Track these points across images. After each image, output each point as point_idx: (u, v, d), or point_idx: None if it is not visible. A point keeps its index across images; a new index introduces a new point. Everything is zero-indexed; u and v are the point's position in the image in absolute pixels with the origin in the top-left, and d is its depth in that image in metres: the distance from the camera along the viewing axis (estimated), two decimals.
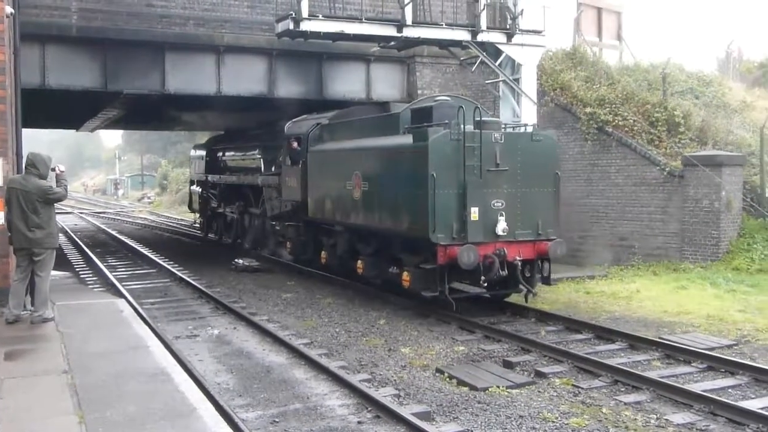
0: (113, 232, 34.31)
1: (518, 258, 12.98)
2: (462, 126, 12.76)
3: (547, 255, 13.37)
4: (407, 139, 13.56)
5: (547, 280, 13.77)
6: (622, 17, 29.89)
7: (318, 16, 16.74)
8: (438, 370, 10.33)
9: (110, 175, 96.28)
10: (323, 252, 17.55)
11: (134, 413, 6.62)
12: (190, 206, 33.04)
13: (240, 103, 22.31)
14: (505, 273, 12.81)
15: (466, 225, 12.68)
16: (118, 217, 47.64)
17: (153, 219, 45.00)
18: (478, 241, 12.71)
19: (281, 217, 20.23)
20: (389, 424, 8.17)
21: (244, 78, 20.95)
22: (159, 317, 14.14)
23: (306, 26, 16.48)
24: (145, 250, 25.20)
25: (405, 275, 13.43)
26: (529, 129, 14.15)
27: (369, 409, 8.66)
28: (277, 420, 8.40)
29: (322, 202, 17.10)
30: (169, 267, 20.62)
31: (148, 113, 27.69)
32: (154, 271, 21.03)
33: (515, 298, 14.35)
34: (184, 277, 18.81)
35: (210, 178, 28.31)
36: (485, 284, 12.96)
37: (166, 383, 7.62)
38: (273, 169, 21.45)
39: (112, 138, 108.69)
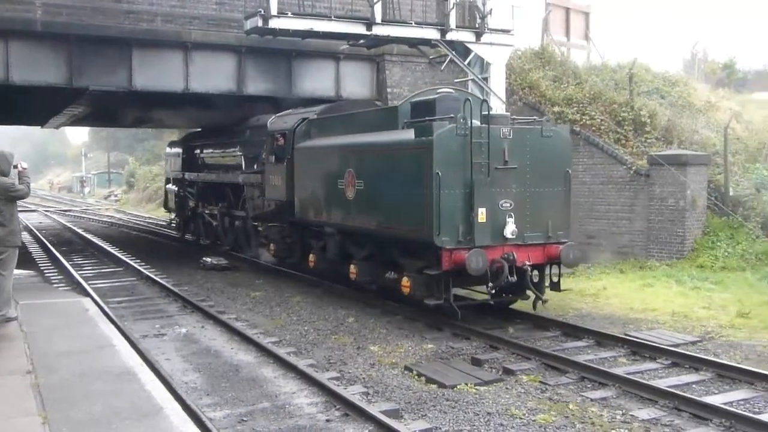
0: (79, 230, 33.94)
1: (527, 263, 12.08)
2: (469, 120, 11.83)
3: (557, 259, 12.46)
4: (408, 135, 12.60)
5: (556, 287, 12.91)
6: (590, 17, 30.19)
7: (287, 14, 16.71)
8: (407, 368, 10.34)
9: (76, 173, 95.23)
10: (311, 255, 16.50)
11: (99, 413, 6.56)
12: (165, 205, 31.82)
13: (209, 100, 22.17)
14: (514, 279, 11.85)
15: (473, 227, 11.75)
16: (84, 215, 47.15)
17: (120, 217, 44.61)
18: (486, 244, 11.79)
19: (264, 218, 19.35)
20: (358, 422, 8.17)
21: (213, 75, 20.82)
22: (125, 316, 14.00)
23: (275, 24, 16.43)
24: (111, 249, 24.97)
25: (405, 281, 12.57)
26: (539, 124, 13.05)
27: (337, 407, 8.65)
28: (245, 419, 8.36)
29: (311, 201, 16.17)
30: (136, 265, 20.43)
31: (114, 110, 27.43)
32: (120, 269, 20.83)
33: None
34: (151, 275, 18.65)
35: (187, 176, 27.18)
36: (493, 291, 11.96)
37: (132, 382, 7.55)
38: (255, 166, 20.45)
39: (78, 135, 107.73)
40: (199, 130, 30.64)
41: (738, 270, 16.99)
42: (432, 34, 18.25)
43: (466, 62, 18.55)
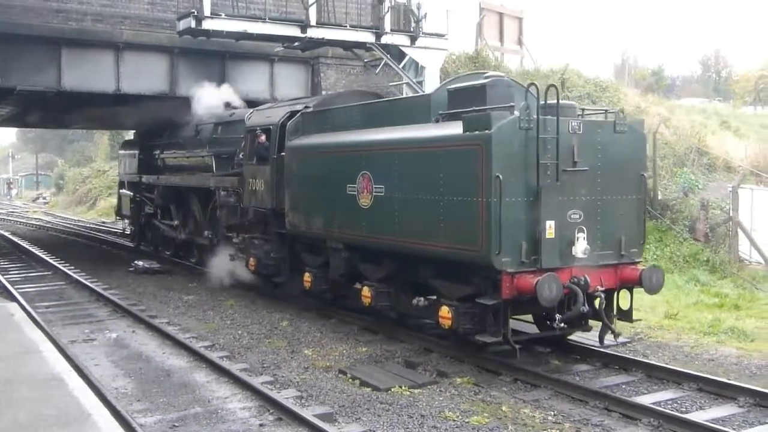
0: (5, 233, 33.00)
1: (600, 288, 9.94)
2: (535, 111, 9.59)
3: (633, 284, 10.38)
4: (451, 129, 10.21)
5: (628, 316, 10.68)
6: (523, 23, 30.62)
7: (221, 15, 16.59)
8: (341, 371, 10.33)
9: (2, 174, 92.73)
10: (307, 274, 13.81)
11: (24, 420, 6.39)
12: (118, 212, 28.24)
13: (141, 101, 21.80)
14: (586, 309, 9.84)
15: (539, 245, 9.53)
16: (11, 218, 45.87)
17: (48, 220, 43.54)
18: (555, 266, 9.61)
19: (241, 228, 16.37)
20: (291, 426, 8.13)
21: (145, 76, 20.53)
22: (54, 321, 13.67)
23: (208, 25, 16.30)
24: (39, 252, 24.34)
25: (444, 312, 10.17)
26: (611, 116, 10.88)
27: (271, 411, 8.59)
28: (176, 424, 8.24)
29: (308, 210, 13.60)
30: (65, 269, 19.96)
31: (43, 111, 26.79)
32: (49, 273, 20.32)
33: None
34: (81, 279, 18.24)
35: (145, 179, 23.62)
36: (562, 324, 9.90)
37: (60, 388, 7.38)
38: (232, 168, 17.24)
39: (5, 136, 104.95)
40: (159, 127, 26.24)
41: (667, 272, 17.37)
42: (367, 37, 18.31)
43: (401, 66, 18.65)
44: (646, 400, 8.97)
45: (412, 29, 18.76)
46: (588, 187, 10.05)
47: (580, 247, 9.73)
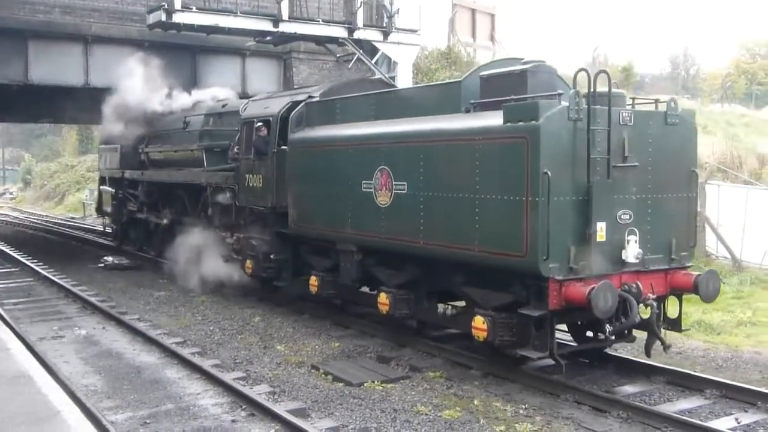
0: None
1: (651, 296, 9.10)
2: (586, 100, 8.76)
3: (685, 291, 9.55)
4: (488, 119, 9.24)
5: (676, 325, 9.80)
6: (496, 19, 30.75)
7: (192, 8, 16.46)
8: (313, 367, 10.31)
9: None
10: (314, 278, 12.67)
11: None
12: (98, 209, 26.39)
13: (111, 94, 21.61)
14: (639, 319, 9.08)
15: (589, 249, 8.69)
16: None
17: (16, 215, 43.05)
18: (605, 272, 8.80)
19: (236, 228, 15.25)
20: (264, 421, 8.10)
21: (115, 70, 20.26)
22: (21, 318, 13.50)
23: (179, 18, 16.17)
24: (6, 248, 24.04)
25: (479, 322, 9.24)
26: (662, 106, 9.89)
27: (243, 407, 8.56)
28: (148, 421, 8.19)
29: (315, 208, 12.54)
30: (33, 266, 19.72)
31: (9, 104, 26.43)
32: (16, 270, 20.07)
33: None
34: (49, 275, 18.02)
35: (128, 174, 21.89)
36: (613, 336, 9.29)
37: (28, 386, 7.31)
38: (227, 163, 15.85)
39: None
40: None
41: None
42: (339, 32, 18.28)
43: (373, 61, 18.64)
44: (615, 393, 9.06)
45: (384, 24, 18.76)
46: (638, 184, 9.18)
47: (632, 251, 8.90)
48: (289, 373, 10.06)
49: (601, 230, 8.72)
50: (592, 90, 8.80)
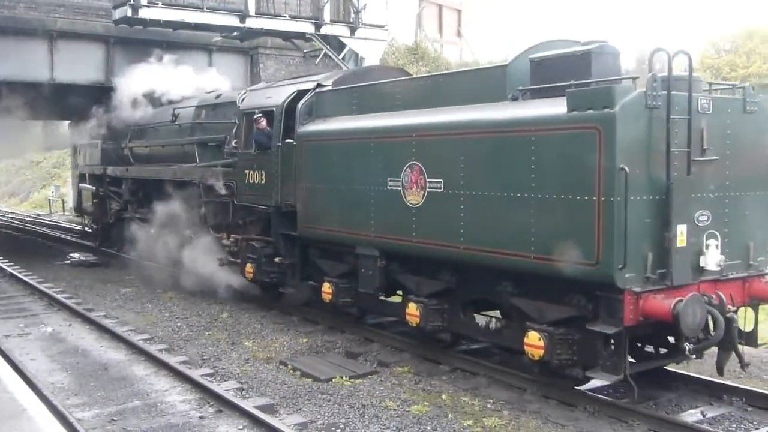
0: None
1: (732, 308, 8.02)
2: (667, 85, 7.68)
3: (764, 301, 8.56)
4: (544, 107, 8.19)
5: (752, 339, 8.54)
6: (462, 15, 30.90)
7: (158, 4, 16.41)
8: (282, 363, 10.34)
9: None
10: (327, 284, 11.53)
11: None
12: (78, 208, 25.04)
13: (77, 90, 21.40)
14: (721, 334, 7.87)
15: (668, 256, 7.64)
16: None
17: None
18: (686, 282, 7.79)
19: (234, 229, 14.18)
20: (232, 417, 8.12)
21: (80, 65, 20.18)
22: None
23: (145, 14, 16.12)
24: None
25: (534, 338, 8.20)
26: (740, 92, 8.65)
27: (211, 403, 8.57)
28: (115, 418, 8.17)
29: (328, 209, 11.33)
30: None
31: None
32: None
33: None
34: (14, 272, 17.83)
35: (110, 171, 20.28)
36: (693, 355, 8.05)
37: None
38: (223, 158, 14.57)
39: None
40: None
41: None
42: (306, 27, 18.31)
43: (340, 56, 18.68)
44: (584, 386, 9.16)
45: (351, 20, 18.81)
46: (716, 181, 8.15)
47: (713, 257, 7.91)
48: (257, 369, 10.09)
49: (681, 234, 7.70)
50: (670, 73, 7.74)
